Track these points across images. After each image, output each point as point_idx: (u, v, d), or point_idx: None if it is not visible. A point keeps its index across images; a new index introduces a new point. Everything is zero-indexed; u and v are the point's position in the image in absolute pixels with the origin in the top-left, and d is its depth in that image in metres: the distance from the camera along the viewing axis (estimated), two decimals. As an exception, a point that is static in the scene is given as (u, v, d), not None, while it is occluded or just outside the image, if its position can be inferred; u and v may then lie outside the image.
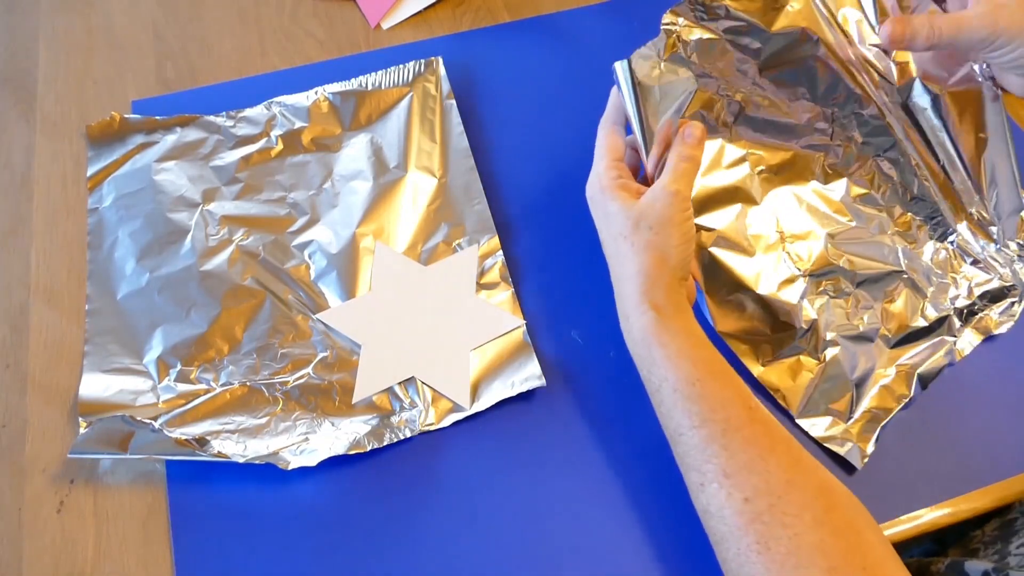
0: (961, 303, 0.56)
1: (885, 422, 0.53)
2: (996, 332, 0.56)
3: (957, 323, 0.56)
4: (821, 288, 0.56)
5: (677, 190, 0.49)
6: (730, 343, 0.55)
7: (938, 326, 0.56)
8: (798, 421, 0.53)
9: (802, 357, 0.54)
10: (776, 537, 0.40)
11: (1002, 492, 0.52)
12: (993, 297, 0.57)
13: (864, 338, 0.55)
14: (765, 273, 0.56)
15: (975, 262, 0.58)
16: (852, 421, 0.52)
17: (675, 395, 0.45)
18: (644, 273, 0.48)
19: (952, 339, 0.56)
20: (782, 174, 0.59)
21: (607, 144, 0.54)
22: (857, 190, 0.59)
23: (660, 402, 0.47)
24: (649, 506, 0.51)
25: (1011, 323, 0.56)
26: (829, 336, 0.55)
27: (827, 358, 0.54)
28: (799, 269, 0.57)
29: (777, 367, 0.54)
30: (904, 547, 0.58)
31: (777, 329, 0.55)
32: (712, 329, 0.55)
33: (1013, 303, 0.57)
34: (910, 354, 0.55)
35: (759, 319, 0.55)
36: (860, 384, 0.54)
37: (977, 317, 0.56)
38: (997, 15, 0.49)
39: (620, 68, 0.53)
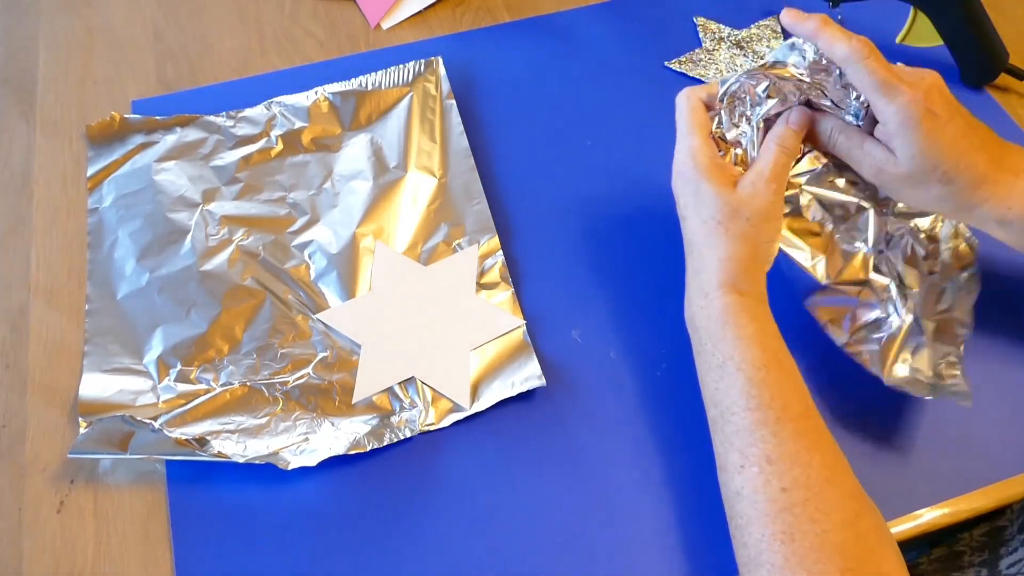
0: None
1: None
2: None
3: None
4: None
5: (777, 187, 0.49)
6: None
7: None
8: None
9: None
10: (803, 531, 0.41)
11: (1002, 492, 0.52)
12: None
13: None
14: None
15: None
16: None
17: (738, 374, 0.45)
18: (735, 260, 0.48)
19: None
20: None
21: (697, 118, 0.52)
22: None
23: (719, 378, 0.46)
24: (649, 505, 0.51)
25: None
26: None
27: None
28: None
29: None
30: (903, 547, 0.58)
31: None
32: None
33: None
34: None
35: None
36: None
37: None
38: (883, 167, 0.49)
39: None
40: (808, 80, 0.50)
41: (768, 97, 0.51)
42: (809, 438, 0.44)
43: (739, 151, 0.52)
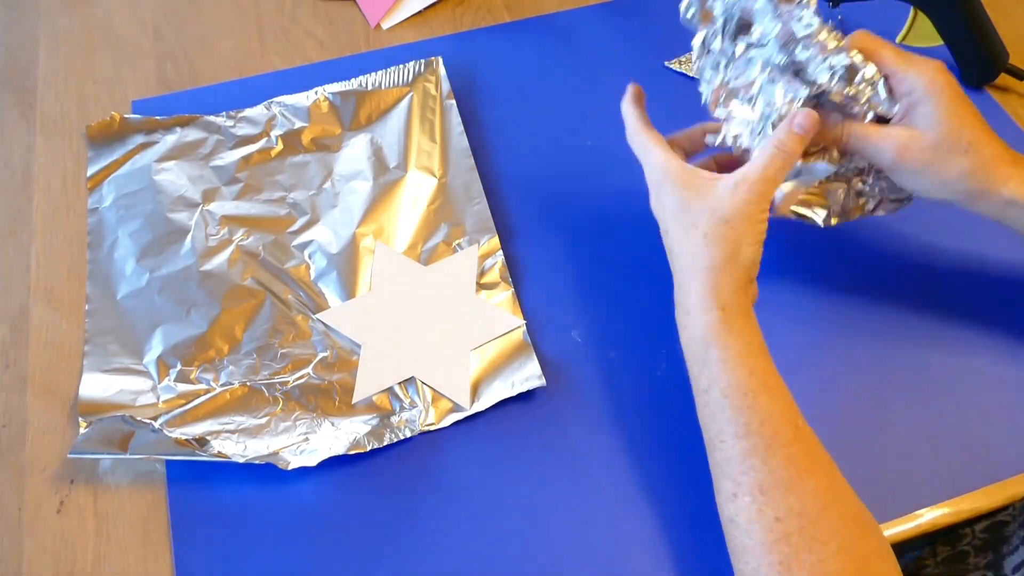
0: None
1: None
2: None
3: None
4: None
5: (763, 189, 0.47)
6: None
7: None
8: None
9: None
10: (800, 560, 0.40)
11: (1002, 492, 0.52)
12: None
13: None
14: None
15: None
16: None
17: (723, 401, 0.44)
18: (714, 268, 0.46)
19: None
20: None
21: (651, 138, 0.51)
22: None
23: (706, 403, 0.45)
24: (649, 506, 0.51)
25: None
26: None
27: None
28: None
29: None
30: (902, 548, 0.58)
31: None
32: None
33: None
34: None
35: None
36: None
37: None
38: (907, 143, 0.48)
39: None
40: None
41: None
42: (802, 464, 0.43)
43: (740, 141, 0.52)
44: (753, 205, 0.47)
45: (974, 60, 0.69)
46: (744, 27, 0.51)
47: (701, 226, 0.47)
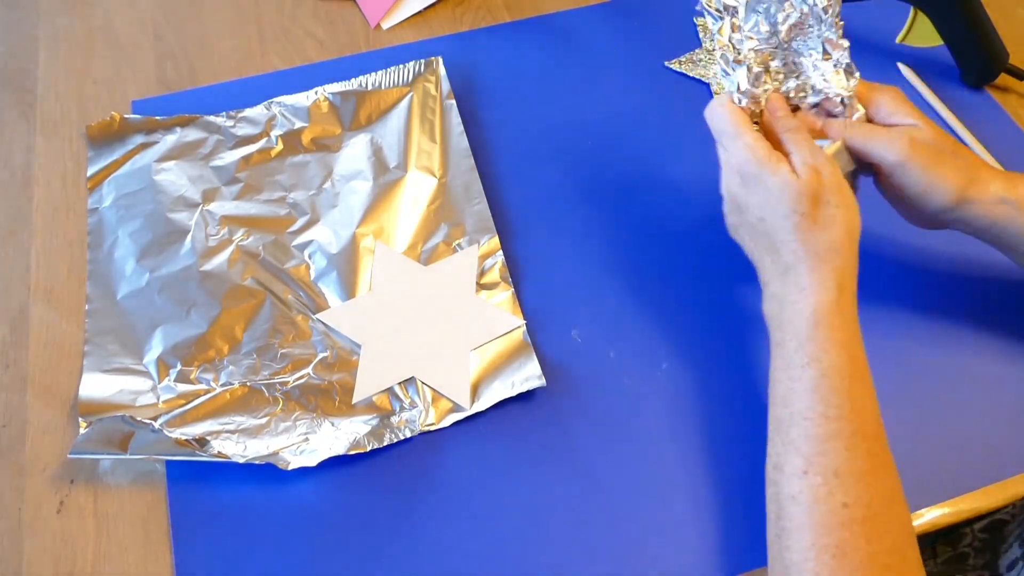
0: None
1: None
2: None
3: None
4: None
5: (826, 157, 0.48)
6: None
7: None
8: None
9: None
10: (856, 548, 0.40)
11: (1002, 492, 0.52)
12: None
13: None
14: None
15: None
16: None
17: (822, 380, 0.44)
18: (833, 249, 0.46)
19: None
20: None
21: (740, 116, 0.50)
22: None
23: (797, 378, 0.45)
24: (649, 505, 0.51)
25: None
26: None
27: None
28: None
29: None
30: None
31: None
32: None
33: None
34: None
35: None
36: None
37: None
38: (913, 146, 0.49)
39: None
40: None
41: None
42: (879, 460, 0.43)
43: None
44: (837, 173, 0.48)
45: (974, 60, 0.69)
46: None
47: (808, 212, 0.47)
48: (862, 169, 0.52)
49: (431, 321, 0.58)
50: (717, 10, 0.52)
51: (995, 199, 0.50)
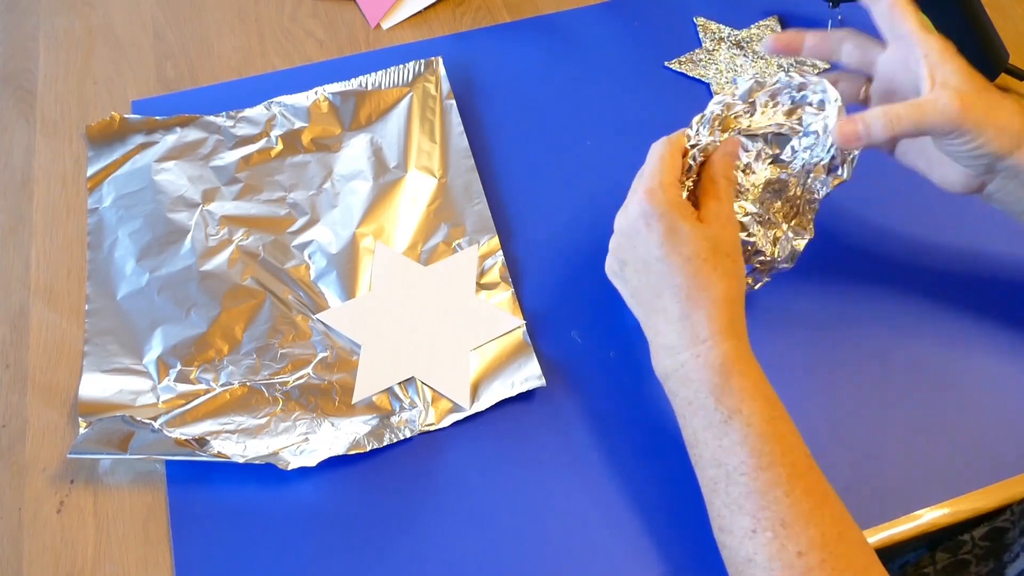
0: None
1: None
2: None
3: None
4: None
5: (735, 221, 0.49)
6: None
7: None
8: None
9: None
10: None
11: (1002, 492, 0.52)
12: None
13: None
14: None
15: None
16: None
17: (747, 430, 0.43)
18: (730, 299, 0.46)
19: None
20: None
21: (672, 159, 0.49)
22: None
23: (723, 434, 0.44)
24: (649, 506, 0.51)
25: None
26: None
27: None
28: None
29: None
30: (900, 549, 0.59)
31: None
32: None
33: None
34: None
35: None
36: None
37: None
38: (962, 101, 0.46)
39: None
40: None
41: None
42: (818, 494, 0.43)
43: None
44: (737, 234, 0.48)
45: (974, 60, 0.68)
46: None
47: (708, 259, 0.46)
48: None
49: (431, 321, 0.58)
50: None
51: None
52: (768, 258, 0.53)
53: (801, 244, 0.54)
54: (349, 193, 0.63)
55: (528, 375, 0.55)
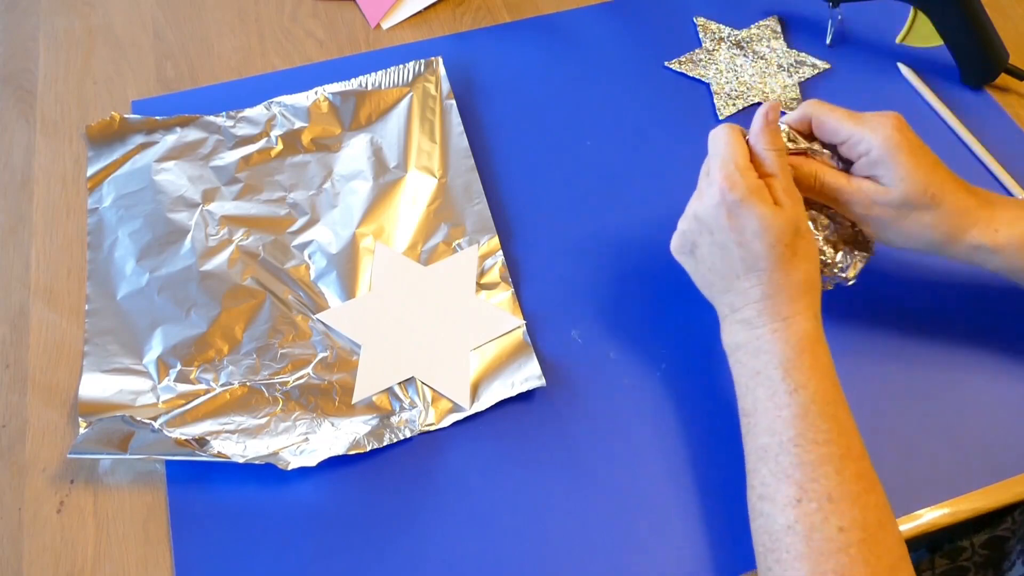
0: None
1: None
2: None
3: None
4: None
5: (798, 196, 0.49)
6: None
7: None
8: None
9: None
10: (856, 572, 0.40)
11: (1002, 492, 0.52)
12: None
13: None
14: None
15: None
16: None
17: (810, 406, 0.44)
18: (811, 281, 0.48)
19: None
20: None
21: (741, 143, 0.49)
22: None
23: (785, 405, 0.45)
24: (649, 505, 0.51)
25: None
26: None
27: None
28: None
29: None
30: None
31: None
32: None
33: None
34: None
35: None
36: None
37: None
38: (875, 198, 0.49)
39: None
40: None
41: None
42: (867, 479, 0.44)
43: None
44: (804, 214, 0.49)
45: (974, 60, 0.69)
46: None
47: (790, 243, 0.47)
48: None
49: (431, 321, 0.58)
50: None
51: (970, 248, 0.50)
52: (829, 261, 0.53)
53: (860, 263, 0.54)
54: (349, 193, 0.63)
55: (528, 375, 0.55)
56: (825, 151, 0.52)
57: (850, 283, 0.53)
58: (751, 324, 0.48)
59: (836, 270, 0.53)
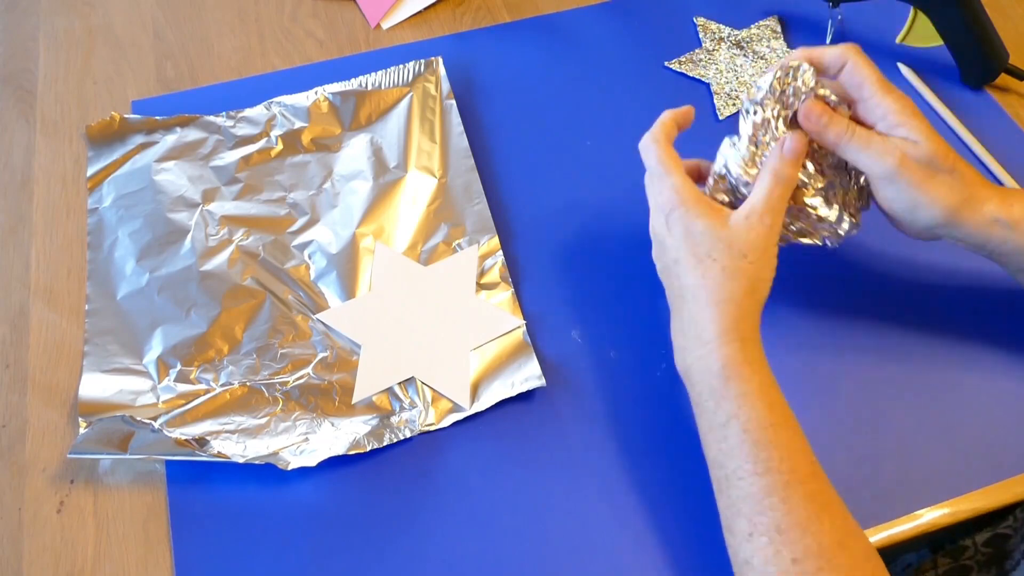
0: None
1: None
2: None
3: None
4: None
5: (773, 221, 0.47)
6: None
7: None
8: None
9: None
10: None
11: (1002, 492, 0.52)
12: None
13: None
14: None
15: None
16: None
17: (743, 436, 0.43)
18: (735, 301, 0.46)
19: None
20: None
21: (670, 157, 0.49)
22: None
23: (722, 438, 0.44)
24: (649, 505, 0.51)
25: None
26: None
27: None
28: None
29: None
30: (900, 551, 0.58)
31: None
32: None
33: None
34: None
35: None
36: None
37: None
38: (901, 159, 0.48)
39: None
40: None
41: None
42: (819, 501, 0.42)
43: (723, 177, 0.51)
44: (765, 239, 0.47)
45: (974, 60, 0.69)
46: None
47: (719, 259, 0.46)
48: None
49: (431, 321, 0.58)
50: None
51: (988, 219, 0.49)
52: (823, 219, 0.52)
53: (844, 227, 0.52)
54: (349, 193, 0.63)
55: (528, 375, 0.55)
56: (845, 107, 0.51)
57: (832, 245, 0.53)
58: (684, 351, 0.47)
59: (824, 227, 0.52)
